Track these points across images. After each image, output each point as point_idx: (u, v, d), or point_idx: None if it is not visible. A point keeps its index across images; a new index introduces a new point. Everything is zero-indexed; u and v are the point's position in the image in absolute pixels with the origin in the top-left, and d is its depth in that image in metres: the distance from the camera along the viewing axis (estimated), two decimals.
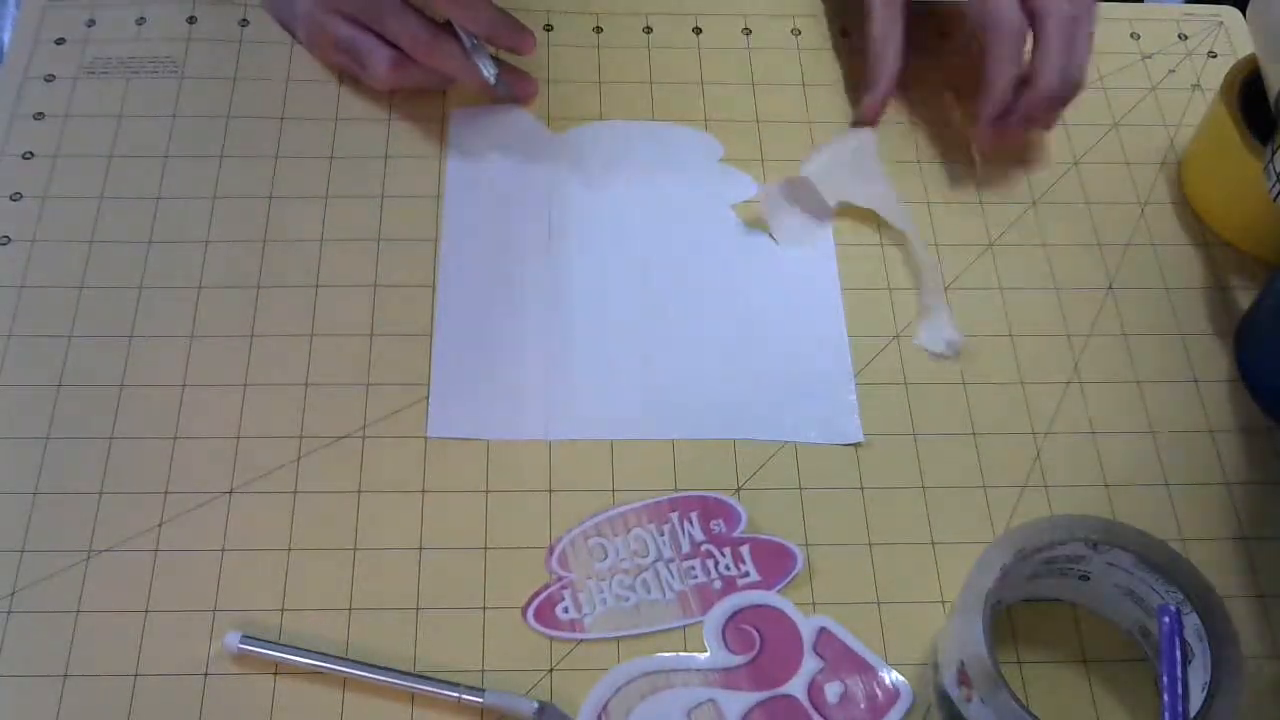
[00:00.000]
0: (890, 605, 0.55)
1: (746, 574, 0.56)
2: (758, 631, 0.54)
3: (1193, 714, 0.47)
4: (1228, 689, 0.47)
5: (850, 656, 0.54)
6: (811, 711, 0.52)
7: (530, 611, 0.54)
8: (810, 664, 0.53)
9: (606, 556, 0.56)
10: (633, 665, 0.53)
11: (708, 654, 0.54)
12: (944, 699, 0.51)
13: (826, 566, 0.56)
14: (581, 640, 0.54)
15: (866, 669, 0.53)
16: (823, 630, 0.54)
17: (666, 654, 0.53)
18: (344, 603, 0.54)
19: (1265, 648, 0.55)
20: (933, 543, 0.57)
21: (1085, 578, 0.53)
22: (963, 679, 0.48)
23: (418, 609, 0.54)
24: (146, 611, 0.53)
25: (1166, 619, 0.50)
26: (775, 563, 0.56)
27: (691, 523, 0.57)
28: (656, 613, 0.54)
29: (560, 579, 0.55)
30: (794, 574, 0.56)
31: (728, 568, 0.56)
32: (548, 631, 0.54)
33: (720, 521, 0.57)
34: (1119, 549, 0.51)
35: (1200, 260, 0.67)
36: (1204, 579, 0.50)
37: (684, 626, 0.54)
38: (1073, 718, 0.53)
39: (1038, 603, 0.55)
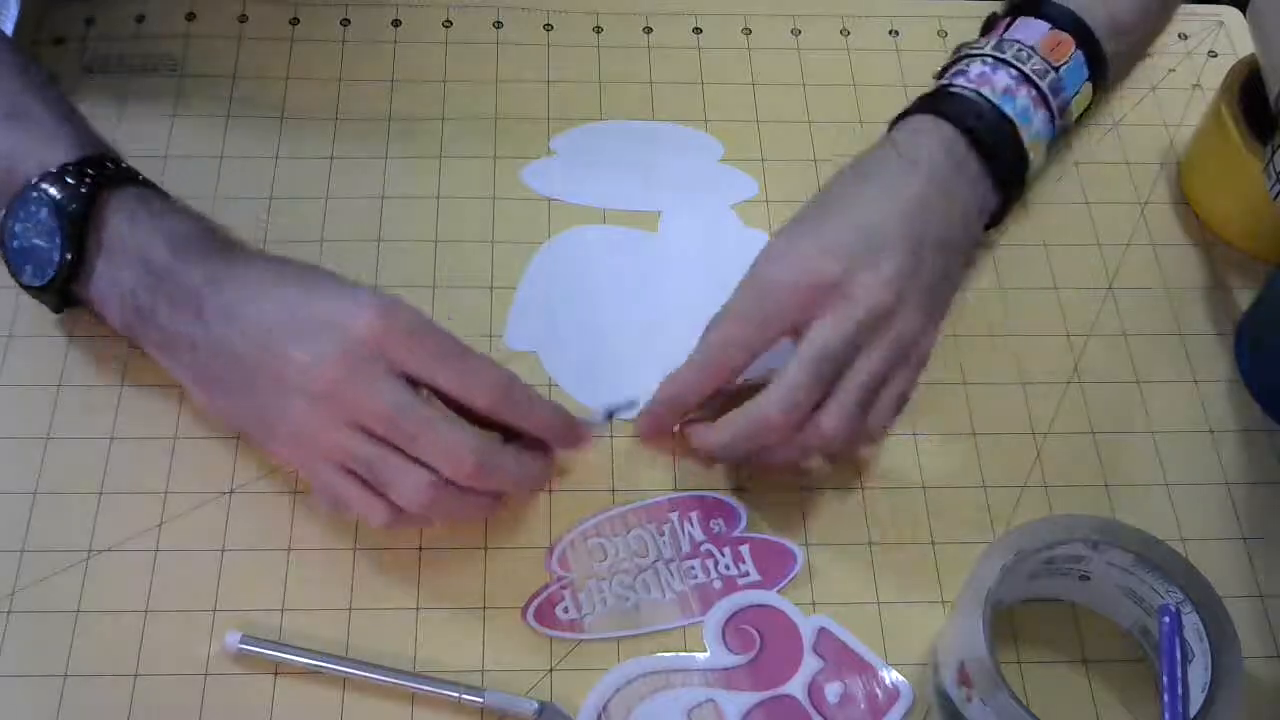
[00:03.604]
0: (890, 605, 0.55)
1: (747, 574, 0.56)
2: (758, 631, 0.54)
3: (1193, 714, 0.47)
4: (1228, 689, 0.47)
5: (850, 656, 0.54)
6: (811, 712, 0.52)
7: (530, 612, 0.54)
8: (810, 664, 0.53)
9: (606, 557, 0.56)
10: (633, 665, 0.53)
11: (708, 654, 0.54)
12: (944, 699, 0.51)
13: (827, 566, 0.56)
14: (582, 640, 0.54)
15: (866, 669, 0.53)
16: (823, 630, 0.54)
17: (666, 654, 0.53)
18: (344, 603, 0.54)
19: (1265, 648, 0.55)
20: (933, 543, 0.57)
21: (1085, 578, 0.53)
22: (963, 679, 0.48)
23: (417, 609, 0.54)
24: (146, 611, 0.53)
25: (1166, 619, 0.50)
26: (775, 562, 0.56)
27: (691, 523, 0.57)
28: (656, 613, 0.54)
29: (560, 579, 0.55)
30: (794, 574, 0.56)
31: (728, 567, 0.56)
32: (548, 632, 0.54)
33: (720, 521, 0.57)
34: (1119, 549, 0.51)
35: (1200, 260, 0.67)
36: (1204, 579, 0.50)
37: (684, 626, 0.54)
38: (1073, 718, 0.53)
39: (1038, 603, 0.55)
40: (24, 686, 0.51)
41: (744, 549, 0.56)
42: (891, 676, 0.53)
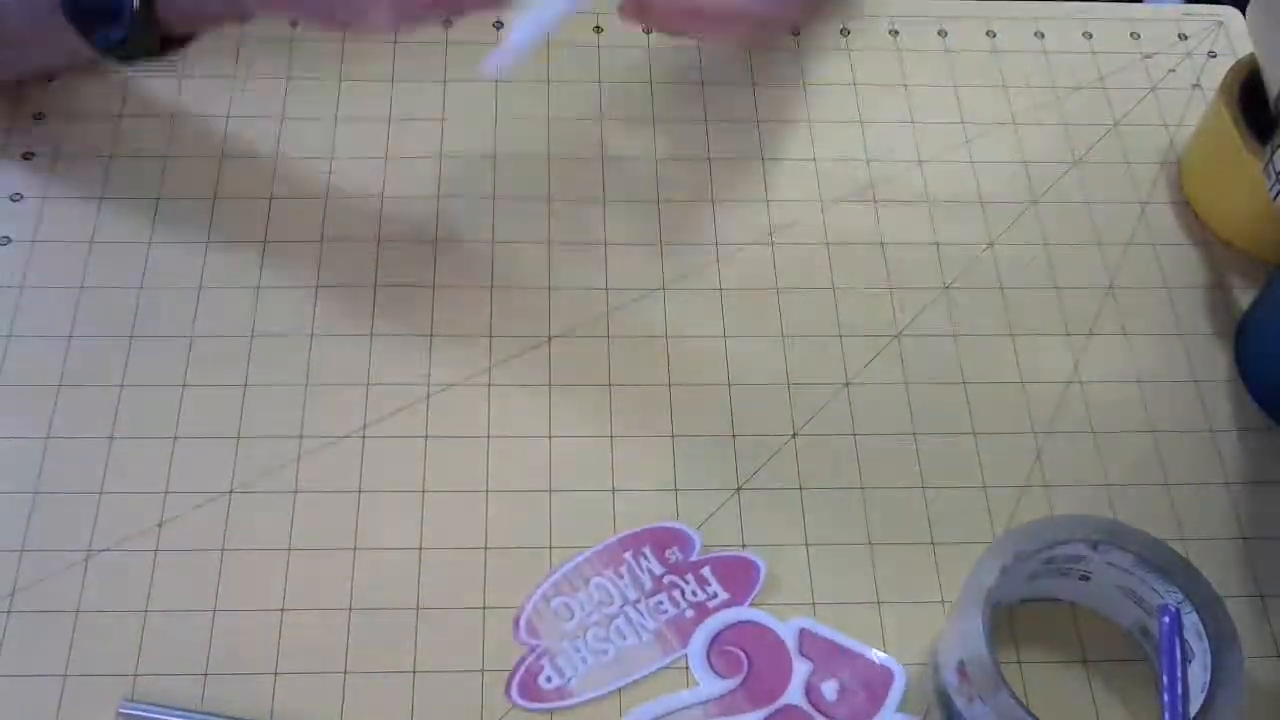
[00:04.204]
0: (890, 605, 0.55)
1: (715, 595, 0.55)
2: (742, 650, 0.53)
3: (1193, 714, 0.47)
4: (1228, 689, 0.47)
5: (835, 650, 0.53)
6: (815, 715, 0.52)
7: (514, 689, 0.52)
8: (801, 668, 0.53)
9: (573, 615, 0.54)
10: (636, 716, 0.51)
11: (700, 685, 0.52)
12: (944, 699, 0.51)
13: (827, 566, 0.56)
14: (575, 705, 0.52)
15: (854, 658, 0.53)
16: (803, 631, 0.54)
17: (663, 697, 0.52)
18: (344, 602, 0.54)
19: (1265, 648, 0.55)
20: (933, 543, 0.57)
21: (1085, 578, 0.53)
22: (963, 679, 0.48)
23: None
24: (146, 611, 0.53)
25: (1166, 619, 0.50)
26: (740, 577, 0.55)
27: (647, 557, 0.55)
28: (638, 657, 0.53)
29: (533, 648, 0.53)
30: (760, 584, 0.55)
31: (695, 593, 0.55)
32: (535, 706, 0.52)
33: (675, 549, 0.56)
34: (1119, 549, 0.51)
35: (1200, 260, 0.67)
36: (1204, 579, 0.50)
37: (670, 663, 0.53)
38: (1073, 718, 0.53)
39: (1038, 603, 0.55)
40: (24, 686, 0.51)
41: (706, 571, 0.55)
42: (878, 657, 0.53)
